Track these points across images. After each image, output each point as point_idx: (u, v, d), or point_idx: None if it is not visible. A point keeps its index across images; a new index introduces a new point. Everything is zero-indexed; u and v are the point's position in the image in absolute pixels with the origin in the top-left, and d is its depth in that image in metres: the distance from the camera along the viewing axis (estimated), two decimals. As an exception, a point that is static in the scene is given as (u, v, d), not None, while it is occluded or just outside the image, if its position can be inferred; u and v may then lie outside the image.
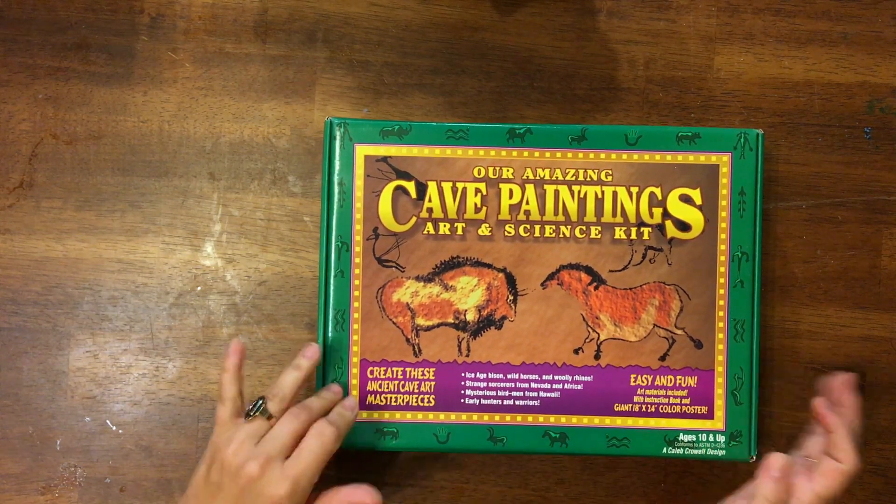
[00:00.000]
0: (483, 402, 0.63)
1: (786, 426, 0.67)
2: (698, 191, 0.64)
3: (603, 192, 0.64)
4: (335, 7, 0.68)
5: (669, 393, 0.64)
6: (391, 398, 0.63)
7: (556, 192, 0.64)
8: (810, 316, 0.67)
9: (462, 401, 0.63)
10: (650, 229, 0.64)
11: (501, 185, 0.64)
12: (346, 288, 0.63)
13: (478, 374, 0.63)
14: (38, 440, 0.66)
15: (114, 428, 0.66)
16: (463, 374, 0.63)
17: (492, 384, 0.63)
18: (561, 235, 0.64)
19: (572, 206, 0.64)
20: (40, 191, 0.67)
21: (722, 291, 0.64)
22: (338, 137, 0.64)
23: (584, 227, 0.64)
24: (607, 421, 0.63)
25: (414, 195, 0.64)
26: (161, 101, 0.67)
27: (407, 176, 0.64)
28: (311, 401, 0.60)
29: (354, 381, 0.63)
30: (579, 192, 0.64)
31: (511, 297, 0.64)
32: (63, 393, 0.66)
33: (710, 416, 0.63)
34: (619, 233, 0.64)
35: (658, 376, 0.64)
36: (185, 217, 0.67)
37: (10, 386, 0.66)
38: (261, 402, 0.58)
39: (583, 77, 0.68)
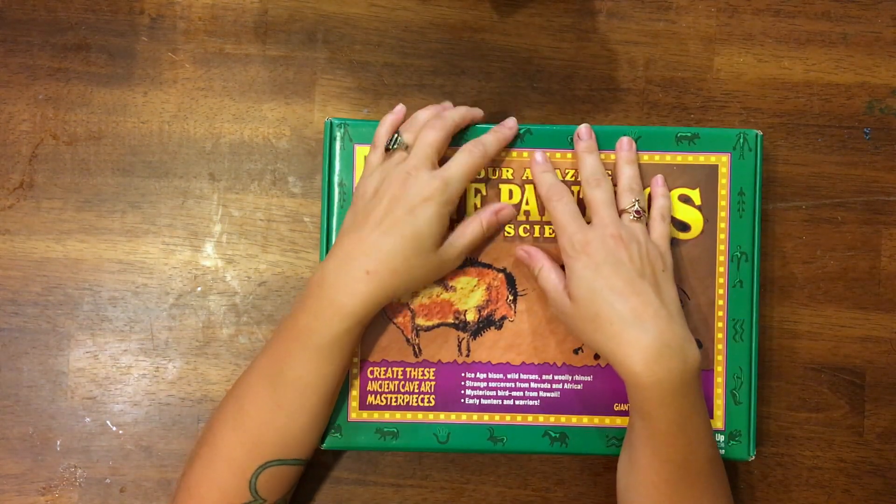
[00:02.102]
0: (483, 402, 0.63)
1: (785, 426, 0.67)
2: (697, 191, 0.64)
3: (603, 193, 0.64)
4: (335, 7, 0.68)
5: (669, 393, 0.64)
6: (391, 398, 0.63)
7: (556, 193, 0.64)
8: (810, 316, 0.67)
9: (462, 401, 0.63)
10: (650, 229, 0.64)
11: (501, 186, 0.64)
12: (346, 288, 0.63)
13: (478, 374, 0.63)
14: (38, 441, 0.66)
15: (114, 428, 0.66)
16: (463, 374, 0.63)
17: (492, 384, 0.63)
18: (561, 235, 0.64)
19: (572, 207, 0.64)
20: (40, 191, 0.67)
21: (721, 291, 0.64)
22: (338, 138, 0.64)
23: (583, 228, 0.64)
24: (607, 421, 0.63)
25: (414, 195, 0.64)
26: (161, 101, 0.67)
27: (407, 176, 0.64)
28: (448, 113, 0.62)
29: (355, 381, 0.63)
30: (579, 192, 0.64)
31: (511, 298, 0.64)
32: (63, 393, 0.66)
33: (709, 415, 0.63)
34: (619, 233, 0.64)
35: (658, 376, 0.64)
36: (185, 218, 0.67)
37: (10, 386, 0.66)
38: (397, 135, 0.61)
39: (583, 78, 0.68)
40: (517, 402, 0.63)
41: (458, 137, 0.63)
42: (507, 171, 0.64)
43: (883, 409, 0.67)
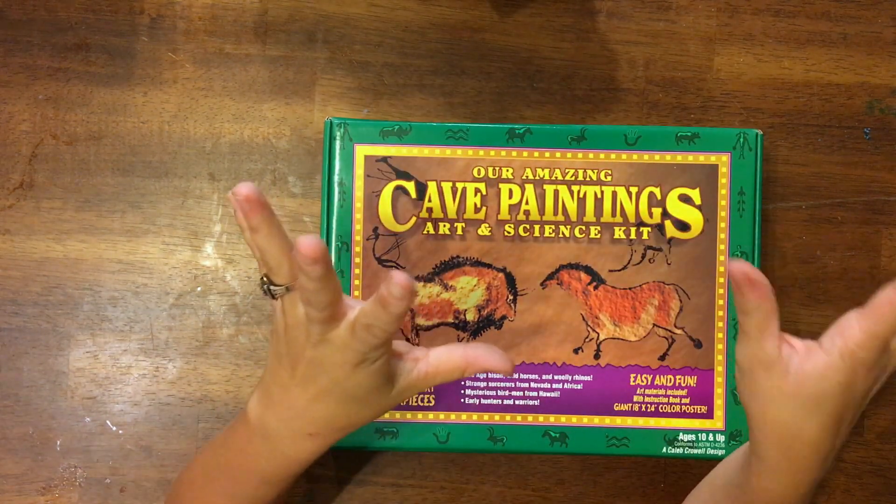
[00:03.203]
0: (483, 401, 0.63)
1: (786, 426, 0.67)
2: (697, 191, 0.64)
3: (602, 192, 0.64)
4: (335, 7, 0.68)
5: (669, 392, 0.64)
6: (391, 398, 0.63)
7: (556, 192, 0.64)
8: (810, 316, 0.67)
9: (462, 400, 0.63)
10: (649, 229, 0.64)
11: (501, 185, 0.64)
12: (346, 288, 0.63)
13: (477, 374, 0.63)
14: (38, 440, 0.66)
15: (114, 428, 0.66)
16: (463, 374, 0.63)
17: (492, 384, 0.63)
18: (560, 235, 0.64)
19: (572, 206, 0.64)
20: (40, 191, 0.67)
21: (721, 291, 0.64)
22: (338, 138, 0.64)
23: (583, 227, 0.64)
24: (607, 420, 0.63)
25: (414, 195, 0.64)
26: (161, 101, 0.67)
27: (407, 176, 0.64)
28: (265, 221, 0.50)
29: (354, 381, 0.63)
30: (579, 191, 0.64)
31: (511, 297, 0.64)
32: (63, 393, 0.66)
33: (709, 415, 0.63)
34: (619, 233, 0.64)
35: (658, 376, 0.64)
36: (186, 217, 0.67)
37: (10, 386, 0.66)
38: (264, 280, 0.50)
39: (582, 77, 0.68)
40: (517, 402, 0.63)
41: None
42: (508, 170, 0.64)
43: (883, 409, 0.67)
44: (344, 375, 0.50)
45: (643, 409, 0.64)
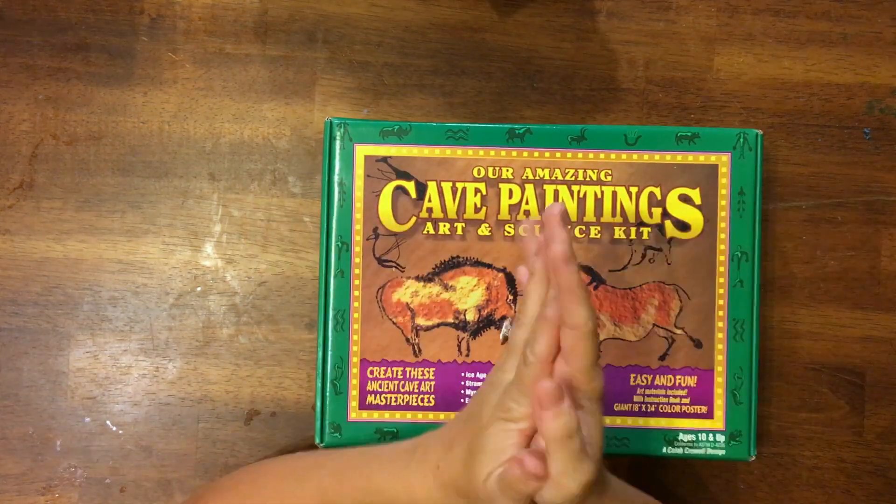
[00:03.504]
0: (483, 401, 0.63)
1: (785, 426, 0.67)
2: (697, 191, 0.64)
3: (602, 192, 0.64)
4: (335, 7, 0.68)
5: (669, 392, 0.64)
6: (391, 398, 0.63)
7: (556, 192, 0.64)
8: (810, 316, 0.67)
9: (462, 401, 0.63)
10: (649, 229, 0.64)
11: (501, 185, 0.64)
12: (346, 288, 0.64)
13: (478, 374, 0.63)
14: (38, 441, 0.66)
15: (114, 428, 0.66)
16: (463, 374, 0.63)
17: (491, 384, 0.63)
18: (560, 235, 0.64)
19: (572, 206, 0.64)
20: (40, 191, 0.67)
21: (721, 291, 0.64)
22: (338, 138, 0.64)
23: (583, 227, 0.64)
24: (607, 420, 0.63)
25: (414, 195, 0.64)
26: (161, 101, 0.67)
27: (407, 176, 0.64)
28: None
29: (354, 381, 0.63)
30: (579, 191, 0.64)
31: (511, 297, 0.64)
32: (63, 393, 0.66)
33: (709, 415, 0.63)
34: (619, 232, 0.64)
35: (658, 376, 0.64)
36: (185, 218, 0.67)
37: (10, 386, 0.66)
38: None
39: (582, 77, 0.68)
40: (517, 402, 0.63)
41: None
42: (508, 170, 0.64)
43: (883, 409, 0.67)
44: (484, 427, 0.48)
45: (643, 409, 0.64)
